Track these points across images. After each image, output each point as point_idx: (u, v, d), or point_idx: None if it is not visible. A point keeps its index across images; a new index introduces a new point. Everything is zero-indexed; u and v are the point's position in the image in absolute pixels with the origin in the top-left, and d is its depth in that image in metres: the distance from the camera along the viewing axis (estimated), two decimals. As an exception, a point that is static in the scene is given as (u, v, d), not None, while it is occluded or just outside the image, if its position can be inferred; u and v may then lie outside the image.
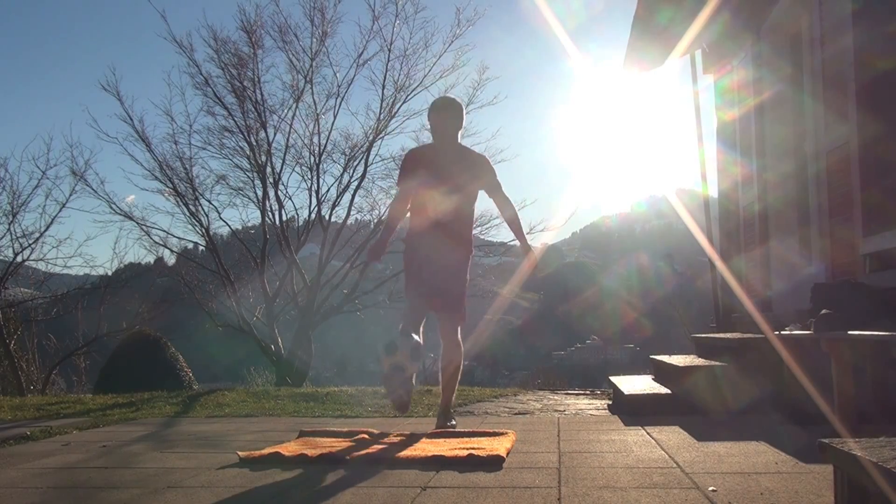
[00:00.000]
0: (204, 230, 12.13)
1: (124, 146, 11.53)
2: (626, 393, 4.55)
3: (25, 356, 11.96)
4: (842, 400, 3.07)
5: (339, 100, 12.21)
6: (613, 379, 5.51)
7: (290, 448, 3.12)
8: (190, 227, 12.18)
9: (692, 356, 5.60)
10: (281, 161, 12.18)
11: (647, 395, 4.48)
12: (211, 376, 17.71)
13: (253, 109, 11.88)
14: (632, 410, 4.34)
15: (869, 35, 4.55)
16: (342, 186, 12.45)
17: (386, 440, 3.32)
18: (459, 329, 3.68)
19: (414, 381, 3.42)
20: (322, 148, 12.20)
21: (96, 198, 11.52)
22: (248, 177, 12.28)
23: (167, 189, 11.82)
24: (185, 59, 11.68)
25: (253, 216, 12.87)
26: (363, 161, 12.36)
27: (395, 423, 4.06)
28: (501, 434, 3.35)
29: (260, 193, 12.19)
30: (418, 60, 12.20)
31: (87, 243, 18.50)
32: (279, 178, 12.26)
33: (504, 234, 15.25)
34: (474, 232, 13.75)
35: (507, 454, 2.92)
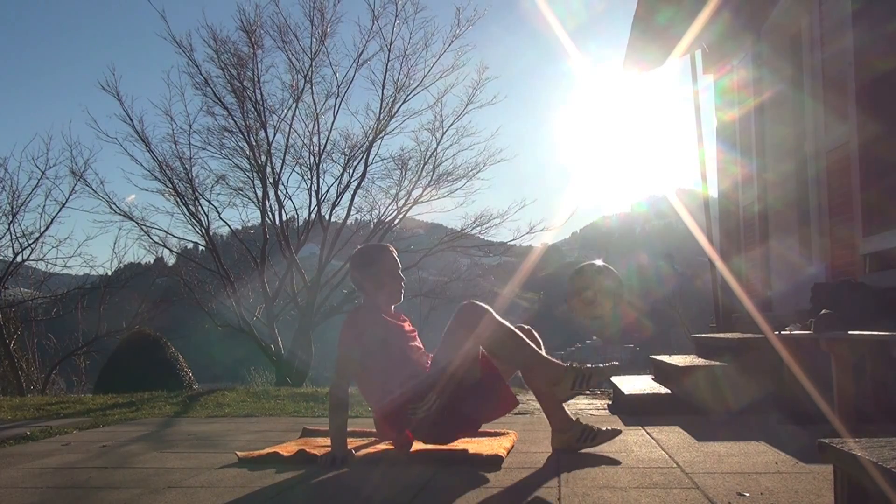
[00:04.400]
0: (204, 230, 12.17)
1: (124, 146, 11.61)
2: (626, 393, 4.56)
3: (25, 356, 11.99)
4: (842, 400, 3.07)
5: (338, 100, 12.26)
6: (613, 379, 5.51)
7: (289, 448, 3.12)
8: (190, 227, 12.24)
9: (692, 356, 5.59)
10: (281, 161, 12.23)
11: (647, 395, 4.48)
12: (211, 376, 17.71)
13: (253, 109, 11.92)
14: (632, 410, 4.34)
15: (869, 35, 4.55)
16: (342, 186, 12.49)
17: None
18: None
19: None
20: (322, 148, 12.25)
21: (96, 198, 11.61)
22: (248, 177, 12.33)
23: (167, 189, 11.87)
24: (184, 59, 11.76)
25: (253, 216, 12.93)
26: (363, 161, 12.41)
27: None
28: (501, 434, 3.35)
29: (260, 193, 12.24)
30: (418, 60, 12.27)
31: (87, 243, 18.55)
32: (279, 178, 12.31)
33: (504, 235, 15.26)
34: (473, 231, 13.50)
35: (507, 454, 2.92)
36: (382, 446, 3.12)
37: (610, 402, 5.14)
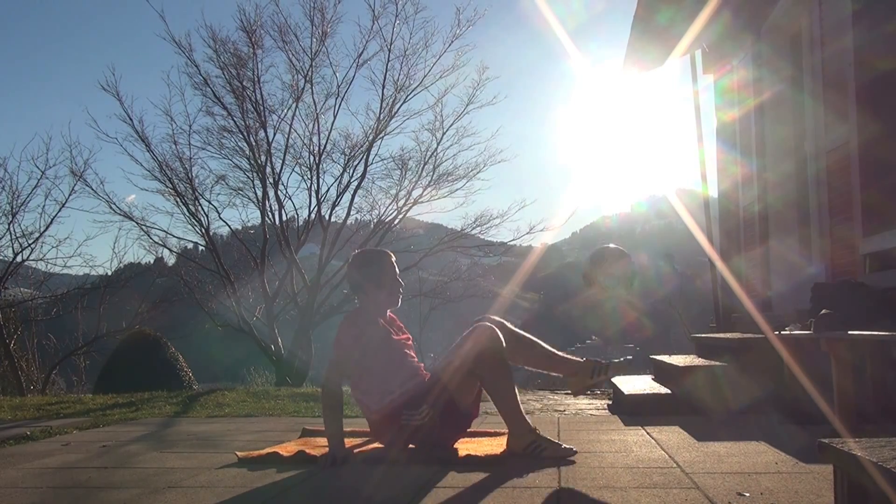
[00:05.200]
0: (203, 230, 12.15)
1: (124, 146, 11.56)
2: (626, 393, 4.56)
3: (25, 356, 11.96)
4: (842, 400, 3.07)
5: (338, 100, 12.23)
6: (613, 379, 5.51)
7: (289, 448, 3.12)
8: (189, 227, 12.21)
9: (692, 356, 5.59)
10: (281, 161, 12.20)
11: (647, 395, 4.48)
12: (211, 376, 17.70)
13: (252, 109, 11.90)
14: (632, 410, 4.34)
15: (869, 35, 4.55)
16: (342, 186, 12.47)
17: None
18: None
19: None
20: (322, 148, 12.22)
21: (96, 198, 11.56)
22: (248, 177, 12.31)
23: (167, 189, 11.84)
24: (184, 59, 11.71)
25: (253, 216, 12.90)
26: (363, 161, 12.38)
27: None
28: (501, 434, 3.35)
29: (260, 193, 12.21)
30: (418, 60, 12.23)
31: (87, 243, 18.45)
32: (279, 178, 12.28)
33: (504, 235, 15.27)
34: (473, 231, 13.49)
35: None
36: (380, 446, 3.13)
37: (610, 403, 5.14)
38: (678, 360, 5.13)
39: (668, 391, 4.52)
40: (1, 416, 5.24)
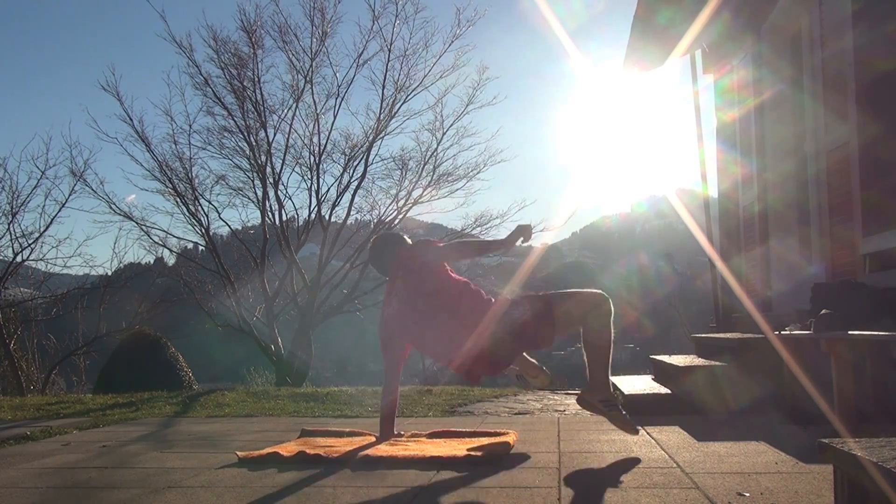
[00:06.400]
0: (203, 230, 12.16)
1: (124, 146, 11.59)
2: (626, 393, 4.56)
3: (25, 356, 11.97)
4: (842, 400, 3.07)
5: (338, 100, 12.23)
6: (613, 378, 5.51)
7: (289, 448, 3.12)
8: (189, 227, 12.22)
9: (692, 356, 5.60)
10: (281, 161, 12.21)
11: (647, 395, 4.48)
12: (211, 376, 17.71)
13: (253, 109, 11.90)
14: (632, 410, 4.33)
15: (869, 35, 4.55)
16: (342, 186, 12.47)
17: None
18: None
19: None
20: (322, 148, 12.23)
21: (96, 198, 11.59)
22: (248, 177, 12.31)
23: (167, 189, 11.85)
24: (184, 59, 11.74)
25: (253, 216, 12.91)
26: (363, 161, 12.39)
27: (395, 424, 4.05)
28: (501, 434, 3.35)
29: (260, 193, 12.22)
30: (418, 60, 12.23)
31: (87, 243, 18.53)
32: (279, 178, 12.29)
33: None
34: (474, 231, 13.55)
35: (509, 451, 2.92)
36: (383, 447, 3.13)
37: (610, 402, 5.14)
38: (678, 360, 5.13)
39: (668, 391, 4.52)
40: (1, 416, 5.24)
